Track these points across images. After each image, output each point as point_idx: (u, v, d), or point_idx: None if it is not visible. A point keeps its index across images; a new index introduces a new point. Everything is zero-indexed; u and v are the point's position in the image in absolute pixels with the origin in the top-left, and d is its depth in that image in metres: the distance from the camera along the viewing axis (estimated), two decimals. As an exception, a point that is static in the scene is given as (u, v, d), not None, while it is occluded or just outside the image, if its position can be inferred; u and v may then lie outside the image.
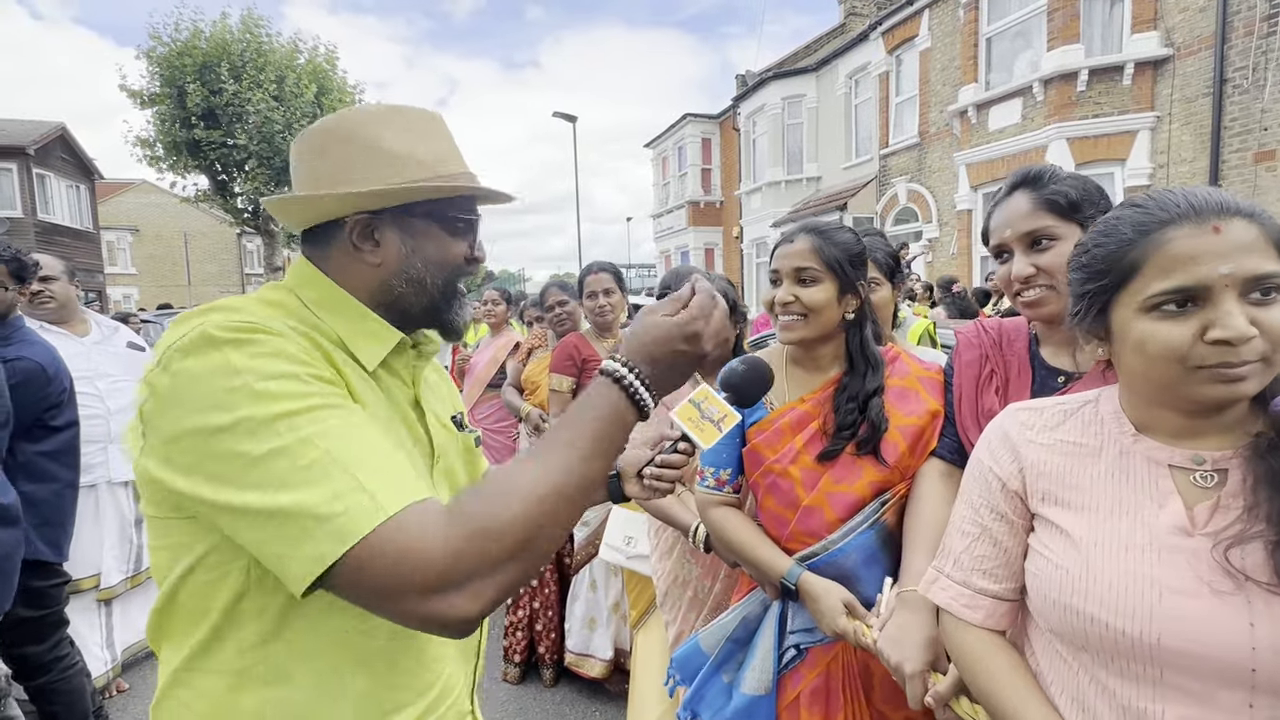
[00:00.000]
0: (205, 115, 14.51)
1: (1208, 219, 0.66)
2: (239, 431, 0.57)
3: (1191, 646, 0.65)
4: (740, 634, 1.33)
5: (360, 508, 0.56)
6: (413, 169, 0.75)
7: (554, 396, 2.63)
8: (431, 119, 0.80)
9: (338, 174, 0.74)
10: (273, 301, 0.74)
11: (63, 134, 19.16)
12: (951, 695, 0.90)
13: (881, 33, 11.97)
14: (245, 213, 16.93)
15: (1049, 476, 0.80)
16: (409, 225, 0.76)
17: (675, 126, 19.18)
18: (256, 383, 0.59)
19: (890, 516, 1.22)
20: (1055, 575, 0.75)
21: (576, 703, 2.57)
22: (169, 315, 8.33)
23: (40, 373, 1.95)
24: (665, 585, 1.86)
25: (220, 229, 29.90)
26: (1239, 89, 7.12)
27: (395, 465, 0.62)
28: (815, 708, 1.21)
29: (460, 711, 0.82)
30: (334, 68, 16.16)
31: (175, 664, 0.70)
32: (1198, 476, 0.70)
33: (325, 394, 0.62)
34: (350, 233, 0.75)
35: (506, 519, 0.60)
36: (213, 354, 0.60)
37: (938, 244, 11.15)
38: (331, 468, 0.57)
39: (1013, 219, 1.11)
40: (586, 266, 2.78)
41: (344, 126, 0.75)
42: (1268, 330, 0.63)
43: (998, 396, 1.17)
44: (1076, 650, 0.74)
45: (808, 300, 1.23)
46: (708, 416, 0.96)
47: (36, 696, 2.04)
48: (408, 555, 0.56)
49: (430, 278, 0.79)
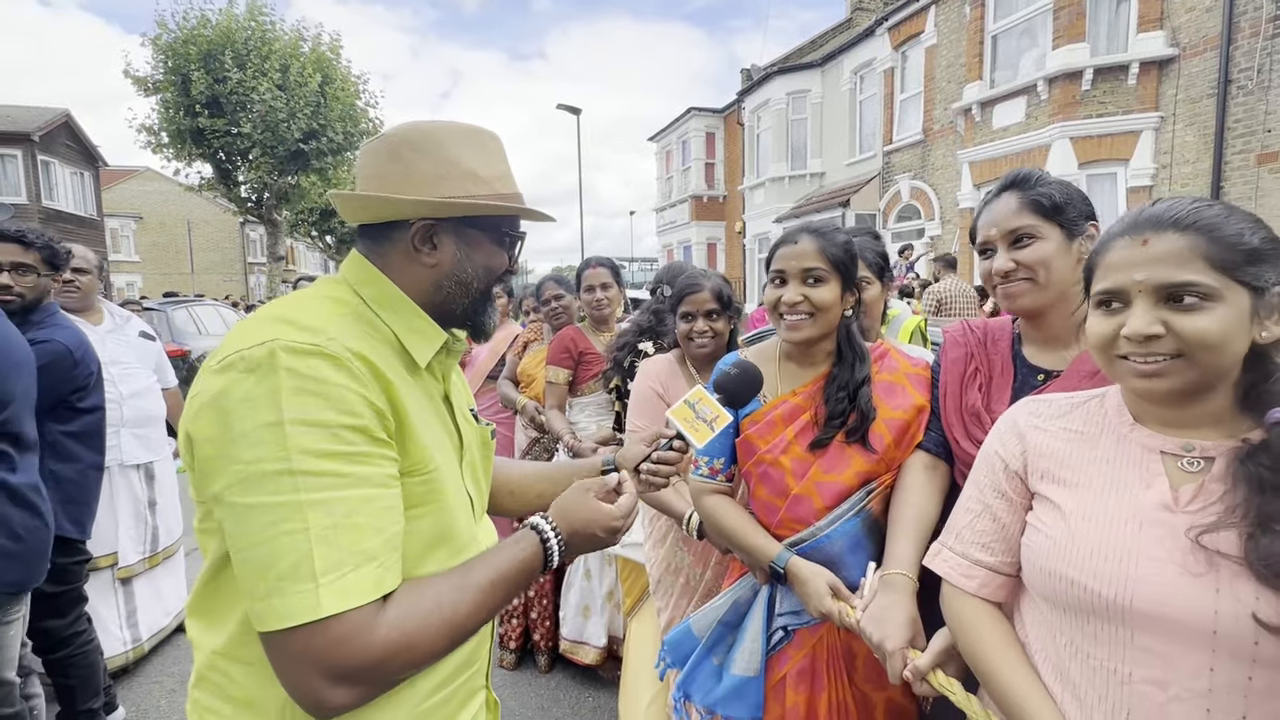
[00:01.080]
0: (209, 103, 14.51)
1: (1141, 232, 0.75)
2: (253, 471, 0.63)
3: (1161, 609, 0.70)
4: (730, 617, 1.37)
5: (300, 599, 0.62)
6: (478, 185, 0.82)
7: (550, 388, 2.68)
8: (494, 139, 0.88)
9: (408, 180, 0.80)
10: (338, 299, 0.79)
11: (67, 121, 19.19)
12: (929, 670, 0.95)
13: (887, 28, 11.93)
14: (249, 201, 16.95)
15: (1049, 457, 0.87)
16: (465, 234, 0.84)
17: (679, 120, 19.16)
18: (291, 427, 0.63)
19: (875, 505, 1.27)
20: (1045, 544, 0.82)
21: (570, 688, 2.62)
22: (175, 304, 8.37)
23: (67, 355, 2.00)
24: (658, 573, 1.90)
25: (223, 217, 29.94)
26: (1243, 90, 7.10)
27: (369, 552, 0.66)
28: (801, 687, 1.26)
29: (474, 686, 0.88)
30: (338, 57, 16.14)
31: (214, 647, 0.74)
32: (1185, 462, 0.76)
33: (349, 456, 0.66)
34: (413, 235, 0.81)
35: (428, 642, 0.69)
36: (269, 379, 0.64)
37: (939, 242, 11.15)
38: (303, 545, 0.62)
39: (998, 218, 1.16)
40: (584, 261, 2.81)
41: (419, 137, 0.81)
42: (1176, 332, 0.71)
43: (980, 393, 1.21)
44: (1059, 614, 0.80)
45: (817, 300, 1.26)
46: (701, 417, 1.04)
47: (54, 669, 2.10)
48: (333, 651, 0.63)
49: (475, 282, 0.86)
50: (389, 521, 0.69)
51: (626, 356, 2.31)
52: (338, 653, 0.63)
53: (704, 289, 1.84)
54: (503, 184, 0.86)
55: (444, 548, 0.80)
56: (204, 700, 0.75)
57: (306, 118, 15.00)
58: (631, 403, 1.94)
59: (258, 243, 31.31)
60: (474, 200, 0.81)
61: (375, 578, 0.66)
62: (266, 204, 16.71)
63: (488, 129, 0.87)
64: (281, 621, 0.62)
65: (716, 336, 1.85)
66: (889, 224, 12.41)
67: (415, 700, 0.77)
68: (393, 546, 0.69)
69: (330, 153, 16.15)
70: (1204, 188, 7.52)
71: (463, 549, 0.83)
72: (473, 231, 0.84)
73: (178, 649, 2.96)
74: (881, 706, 1.27)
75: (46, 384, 1.92)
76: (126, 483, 2.74)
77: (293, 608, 0.61)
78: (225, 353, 0.67)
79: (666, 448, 1.03)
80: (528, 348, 3.16)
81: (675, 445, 1.03)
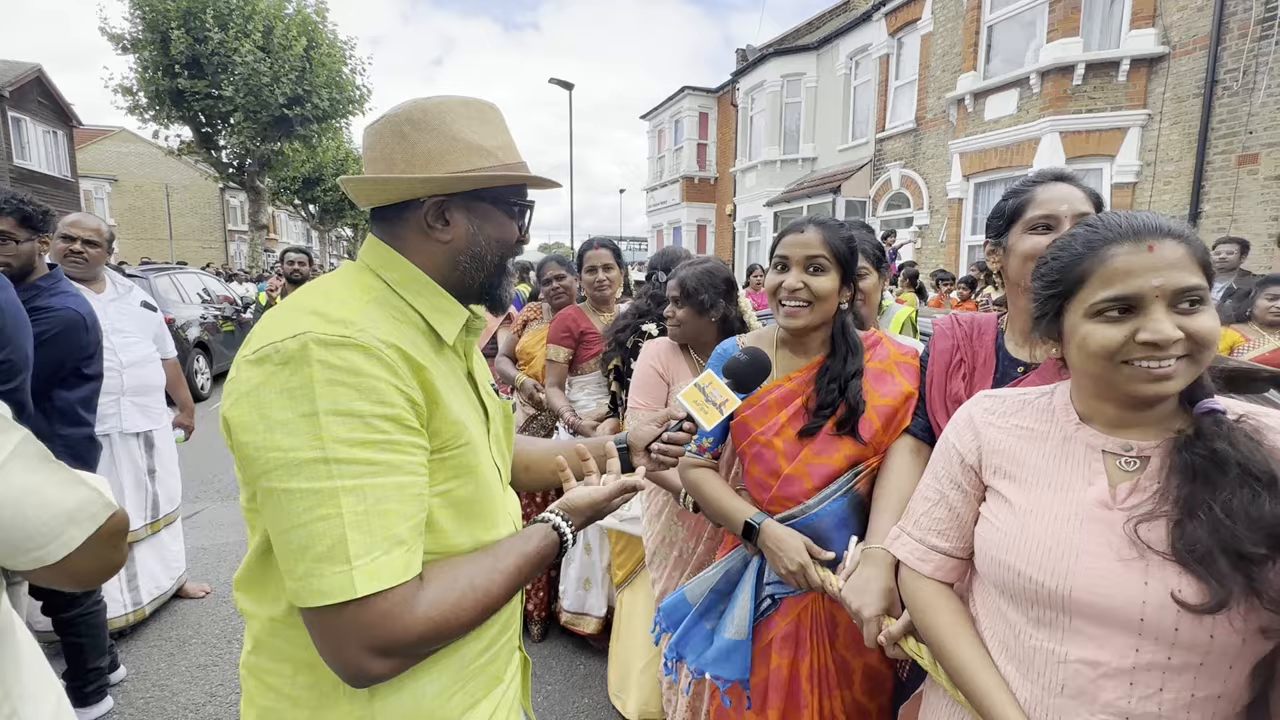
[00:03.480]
0: (190, 64, 14.06)
1: (1144, 239, 0.77)
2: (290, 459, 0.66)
3: (1096, 599, 0.78)
4: (723, 586, 1.47)
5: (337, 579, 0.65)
6: (483, 157, 0.83)
7: (550, 367, 2.73)
8: (494, 110, 0.88)
9: (414, 158, 0.81)
10: (364, 285, 0.81)
11: (39, 76, 18.44)
12: (901, 636, 1.05)
13: (884, 13, 11.87)
14: (230, 167, 16.53)
15: (1001, 454, 0.93)
16: (476, 208, 0.85)
17: (673, 99, 18.94)
18: (325, 417, 0.66)
19: (862, 485, 1.36)
20: (995, 536, 0.89)
21: (563, 656, 2.73)
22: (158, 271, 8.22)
23: (80, 322, 2.02)
24: (654, 546, 2.00)
25: (203, 182, 29.13)
26: (1229, 91, 7.22)
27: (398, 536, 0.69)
28: (785, 650, 1.36)
29: (512, 647, 0.95)
30: (324, 20, 15.67)
31: (272, 615, 0.78)
32: (1124, 461, 0.83)
33: (381, 444, 0.69)
34: (426, 213, 0.83)
35: (462, 620, 0.74)
36: (303, 370, 0.67)
37: (928, 231, 11.27)
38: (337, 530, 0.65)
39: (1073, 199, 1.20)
40: (586, 242, 2.85)
41: (421, 115, 0.82)
42: (1192, 333, 0.75)
43: (964, 383, 1.29)
44: (1007, 599, 0.88)
45: (816, 288, 1.32)
46: (711, 400, 1.10)
47: (64, 628, 2.16)
48: (378, 626, 0.67)
49: (490, 255, 0.88)
50: (416, 508, 0.72)
51: (629, 337, 2.37)
52: (382, 627, 0.67)
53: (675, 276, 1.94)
54: (507, 154, 0.86)
55: (482, 517, 0.84)
56: (263, 664, 0.80)
57: (291, 83, 14.60)
58: (634, 382, 2.00)
59: (239, 210, 30.56)
60: (481, 173, 0.82)
61: (405, 561, 0.69)
62: (249, 170, 16.31)
63: (487, 100, 0.87)
64: (321, 599, 0.66)
65: (680, 325, 1.93)
66: (878, 211, 12.49)
67: (463, 663, 0.83)
68: (419, 532, 0.73)
69: (315, 119, 15.77)
70: (1185, 187, 7.68)
71: (497, 518, 0.88)
72: (483, 204, 0.85)
73: (174, 614, 3.02)
74: (859, 671, 1.38)
75: (61, 352, 1.94)
76: (127, 450, 2.78)
77: (330, 587, 0.65)
78: (259, 344, 0.69)
79: (676, 429, 1.09)
80: (527, 326, 3.20)
81: (685, 427, 1.10)
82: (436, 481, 0.77)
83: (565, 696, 2.48)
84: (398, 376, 0.71)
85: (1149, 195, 8.05)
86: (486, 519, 0.85)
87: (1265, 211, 6.93)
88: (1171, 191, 7.83)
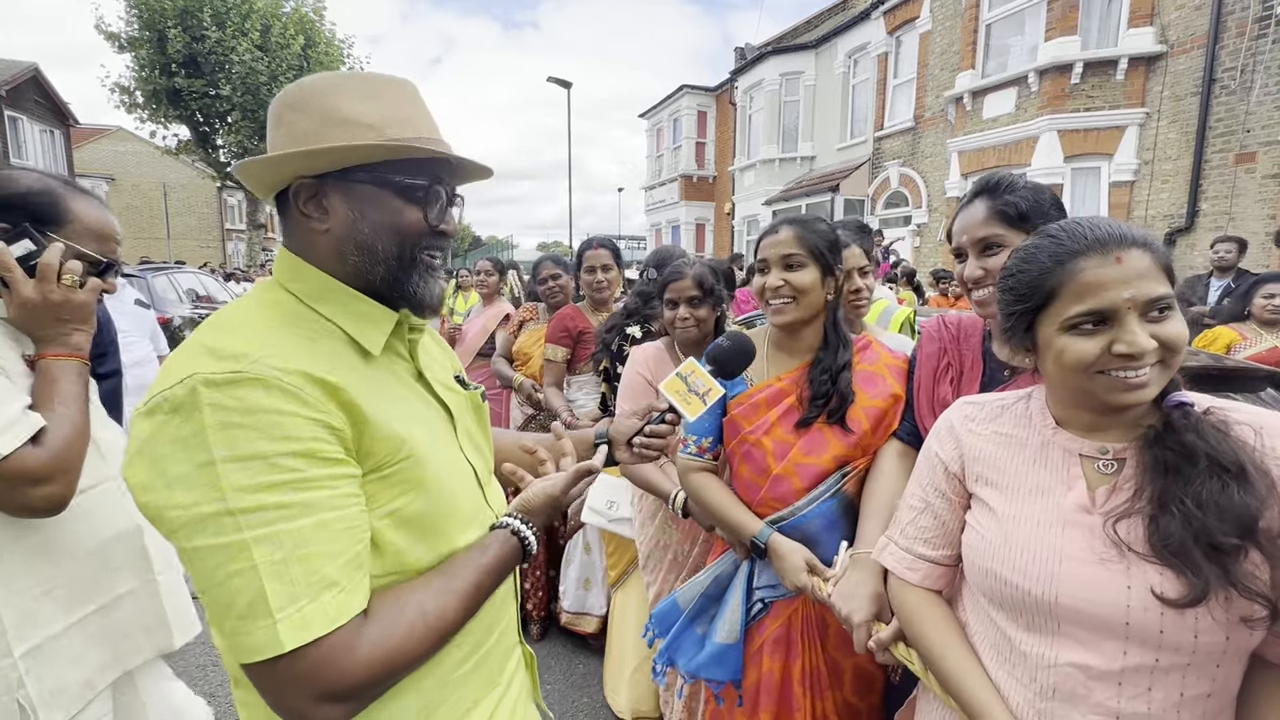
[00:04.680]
0: (187, 63, 14.04)
1: (1111, 250, 0.77)
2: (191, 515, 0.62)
3: (1081, 604, 0.78)
4: (713, 590, 1.47)
5: (262, 635, 0.61)
6: (360, 133, 0.73)
7: (548, 366, 2.74)
8: (396, 85, 0.78)
9: (288, 141, 0.74)
10: (272, 303, 0.75)
11: (35, 75, 18.41)
12: (891, 641, 1.05)
13: (883, 12, 11.86)
14: (227, 166, 16.52)
15: (983, 461, 0.93)
16: (354, 191, 0.75)
17: (671, 98, 18.93)
18: (223, 465, 0.61)
19: (851, 487, 1.36)
20: (980, 544, 0.89)
21: (562, 655, 2.73)
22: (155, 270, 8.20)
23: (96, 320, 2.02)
24: (648, 549, 2.00)
25: (200, 181, 29.09)
26: (1226, 89, 7.23)
27: (326, 579, 0.64)
28: (777, 654, 1.37)
29: (508, 644, 0.91)
30: (321, 19, 15.65)
31: None
32: (1101, 465, 0.83)
33: (291, 485, 0.64)
34: (295, 198, 0.75)
35: (415, 651, 0.69)
36: (193, 418, 0.62)
37: (926, 229, 11.27)
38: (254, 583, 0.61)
39: (969, 225, 1.22)
40: (585, 242, 2.85)
41: (298, 94, 0.75)
42: (1164, 340, 0.76)
43: (952, 387, 1.30)
44: (995, 606, 0.88)
45: (796, 283, 1.34)
46: (694, 390, 1.05)
47: None
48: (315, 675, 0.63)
49: (381, 244, 0.77)
50: (348, 543, 0.67)
51: (614, 339, 2.36)
52: (323, 674, 0.63)
53: (686, 276, 1.89)
54: (398, 129, 0.75)
55: (440, 530, 0.78)
56: (245, 697, 0.77)
57: (288, 81, 14.58)
58: (621, 388, 1.99)
59: (236, 209, 30.55)
60: (337, 146, 0.71)
61: (338, 604, 0.64)
62: (247, 170, 16.26)
63: (398, 77, 0.79)
64: (251, 656, 0.62)
65: (700, 324, 1.91)
66: (877, 210, 12.49)
67: (444, 676, 0.79)
68: (355, 566, 0.67)
69: (314, 119, 15.76)
70: (1183, 186, 7.69)
71: (469, 520, 0.83)
72: (363, 187, 0.75)
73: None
74: (850, 672, 1.38)
75: None
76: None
77: (258, 643, 0.62)
78: (151, 394, 0.65)
79: (659, 421, 1.05)
80: (523, 326, 3.20)
81: (667, 419, 1.05)
82: (381, 502, 0.72)
83: (565, 696, 2.48)
84: (305, 405, 0.65)
85: (1147, 194, 8.06)
86: (447, 530, 0.80)
87: (1263, 210, 6.94)
88: (1169, 190, 7.84)
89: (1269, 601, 0.70)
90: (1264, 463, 0.75)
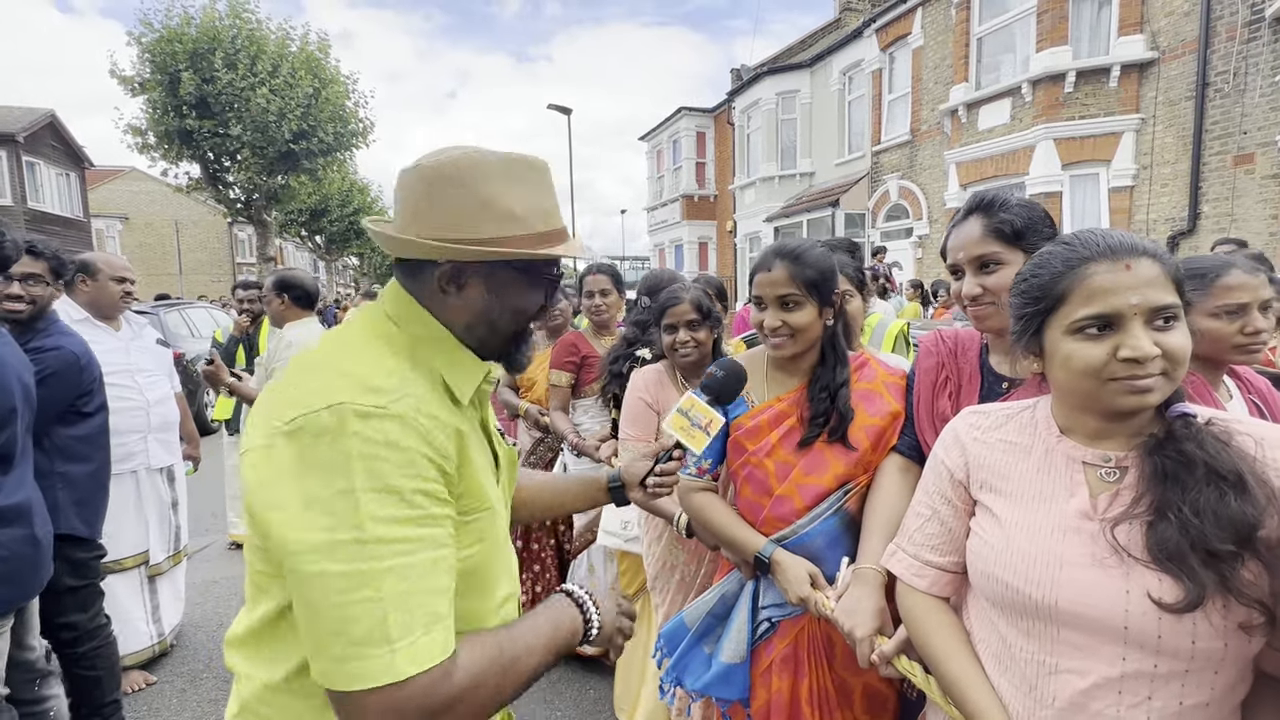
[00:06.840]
0: (198, 104, 14.41)
1: (1121, 258, 0.80)
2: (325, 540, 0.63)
3: (1081, 609, 0.79)
4: (719, 609, 1.47)
5: (378, 662, 0.63)
6: (512, 224, 0.78)
7: (554, 391, 2.77)
8: (536, 170, 0.83)
9: (436, 218, 0.77)
10: (387, 339, 0.78)
11: (52, 121, 19.00)
12: (894, 654, 1.06)
13: (875, 29, 12.06)
14: (238, 202, 16.84)
15: (988, 468, 0.95)
16: (496, 277, 0.81)
17: (670, 120, 19.21)
18: (363, 494, 0.64)
19: (852, 504, 1.37)
20: (984, 549, 0.91)
21: (573, 681, 2.72)
22: (167, 307, 8.36)
23: (75, 361, 2.08)
24: (655, 570, 2.00)
25: (211, 217, 29.66)
26: (1220, 93, 7.28)
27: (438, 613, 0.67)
28: (785, 673, 1.37)
29: None
30: (326, 56, 16.06)
31: (268, 680, 0.75)
32: (1104, 472, 0.85)
33: (418, 520, 0.67)
34: (439, 277, 0.79)
35: (490, 696, 0.71)
36: (339, 444, 0.65)
37: (928, 241, 11.31)
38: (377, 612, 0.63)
39: (965, 243, 1.25)
40: (585, 268, 2.90)
41: (453, 170, 0.77)
42: (1168, 350, 0.78)
43: (950, 401, 1.31)
44: (998, 611, 0.89)
45: (794, 323, 1.35)
46: (696, 424, 1.11)
47: (79, 663, 2.17)
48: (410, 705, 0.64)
49: (505, 324, 0.84)
50: (450, 581, 0.70)
51: (625, 364, 2.39)
52: (419, 703, 0.65)
53: (683, 301, 1.92)
54: (543, 220, 0.81)
55: (483, 586, 0.82)
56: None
57: (297, 118, 14.94)
58: (624, 414, 2.02)
59: (246, 243, 31.07)
60: (499, 250, 0.77)
61: (445, 638, 0.67)
62: (256, 205, 16.61)
63: (535, 157, 0.82)
64: (359, 683, 0.63)
65: (699, 345, 1.93)
66: (878, 223, 12.55)
67: None
68: (452, 604, 0.71)
69: (320, 153, 16.08)
70: (1183, 189, 7.70)
71: (499, 582, 0.85)
72: (505, 274, 0.81)
73: (186, 648, 3.04)
74: (859, 691, 1.37)
75: (57, 391, 2.00)
76: (153, 486, 2.86)
77: (371, 670, 0.62)
78: (294, 412, 0.67)
79: (667, 459, 1.10)
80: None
81: (675, 455, 1.10)
82: (459, 547, 0.75)
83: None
84: (431, 446, 0.70)
85: (1147, 198, 8.07)
86: (491, 583, 0.83)
87: (1264, 210, 6.94)
88: (1170, 194, 7.85)
89: (1266, 608, 0.71)
90: (1264, 473, 0.75)
